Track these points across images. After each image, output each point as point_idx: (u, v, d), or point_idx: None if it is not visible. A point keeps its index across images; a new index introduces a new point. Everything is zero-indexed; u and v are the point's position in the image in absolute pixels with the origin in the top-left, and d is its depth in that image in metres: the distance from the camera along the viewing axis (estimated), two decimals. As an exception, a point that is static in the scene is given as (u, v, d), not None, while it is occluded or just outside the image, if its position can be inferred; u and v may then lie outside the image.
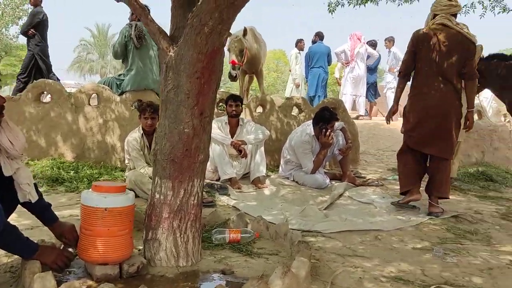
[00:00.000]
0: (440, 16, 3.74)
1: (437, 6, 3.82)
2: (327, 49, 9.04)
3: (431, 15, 3.88)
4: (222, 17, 2.11)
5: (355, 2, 5.25)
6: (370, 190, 4.59)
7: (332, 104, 5.72)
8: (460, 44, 3.69)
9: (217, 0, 2.06)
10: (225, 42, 2.32)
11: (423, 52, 3.73)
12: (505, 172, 5.94)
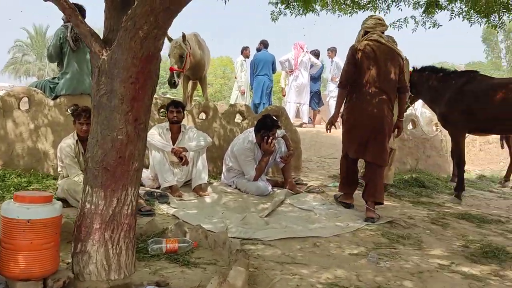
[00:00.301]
0: (372, 33, 4.06)
1: (368, 24, 4.13)
2: (272, 57, 9.16)
3: (362, 32, 4.16)
4: (158, 21, 2.06)
5: (296, 12, 5.34)
6: (311, 197, 4.66)
7: (274, 112, 5.76)
8: (393, 59, 4.04)
9: (152, 3, 2.00)
10: (161, 47, 2.26)
11: (361, 64, 3.97)
12: (436, 179, 6.27)
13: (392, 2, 5.21)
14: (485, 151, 9.20)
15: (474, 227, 4.02)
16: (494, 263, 3.00)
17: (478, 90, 5.07)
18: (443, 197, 5.38)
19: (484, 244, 3.37)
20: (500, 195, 5.95)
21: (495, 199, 5.58)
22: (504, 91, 4.85)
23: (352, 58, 4.00)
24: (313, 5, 5.43)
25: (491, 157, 9.16)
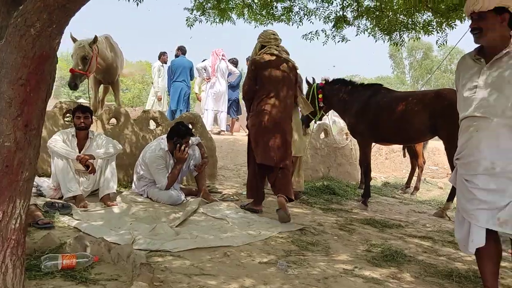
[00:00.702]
0: (269, 47, 4.38)
1: (264, 38, 4.45)
2: (190, 63, 9.07)
3: (259, 45, 4.47)
4: (52, 19, 1.91)
5: (212, 20, 5.33)
6: (225, 205, 4.63)
7: (190, 119, 5.68)
8: (291, 70, 4.41)
9: (46, 0, 1.85)
10: (58, 47, 2.10)
11: (263, 76, 4.27)
12: (346, 186, 6.57)
13: (304, 15, 5.40)
14: (390, 160, 9.86)
15: (377, 231, 4.25)
16: (393, 266, 3.17)
17: (382, 102, 5.41)
18: (351, 203, 5.64)
19: (384, 248, 3.55)
20: (401, 200, 6.38)
21: (397, 205, 5.96)
22: (404, 103, 5.22)
23: (252, 72, 4.34)
24: (229, 14, 5.46)
25: (396, 165, 9.83)
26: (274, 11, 5.57)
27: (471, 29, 2.37)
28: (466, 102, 2.41)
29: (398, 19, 5.51)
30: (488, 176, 2.29)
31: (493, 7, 2.26)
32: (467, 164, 2.39)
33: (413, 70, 42.01)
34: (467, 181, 2.38)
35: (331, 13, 5.27)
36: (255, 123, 4.30)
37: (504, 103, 2.26)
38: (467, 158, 2.39)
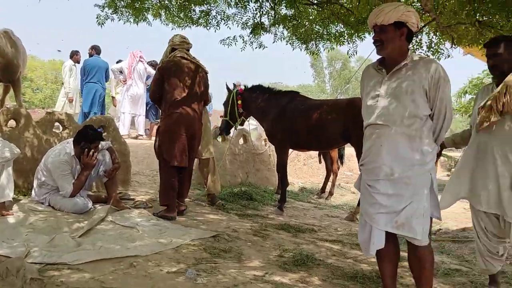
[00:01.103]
0: (179, 50, 4.50)
1: (174, 42, 4.58)
2: (105, 64, 8.64)
3: (169, 49, 4.57)
4: None
5: (125, 19, 5.10)
6: (136, 212, 4.41)
7: (101, 122, 5.38)
8: (200, 74, 4.56)
9: None
10: None
11: (172, 80, 4.38)
12: (264, 191, 6.61)
13: (221, 20, 5.37)
14: (308, 165, 10.14)
15: (291, 236, 4.29)
16: (302, 270, 3.20)
17: (298, 109, 5.52)
18: (268, 209, 5.68)
19: (296, 252, 3.58)
20: (316, 205, 6.56)
21: (312, 209, 6.11)
22: (318, 111, 5.37)
23: (159, 74, 4.46)
24: (145, 14, 5.28)
25: (313, 171, 10.12)
26: (192, 14, 5.48)
27: (374, 41, 2.47)
28: (369, 110, 2.50)
29: (314, 29, 5.67)
30: (388, 182, 2.38)
31: (393, 21, 2.36)
32: (370, 170, 2.47)
33: (333, 80, 43.92)
34: (370, 186, 2.46)
35: (249, 19, 5.29)
36: (165, 126, 4.39)
37: (402, 113, 2.37)
38: (370, 164, 2.47)
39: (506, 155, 2.79)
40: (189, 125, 4.40)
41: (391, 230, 2.38)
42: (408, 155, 2.36)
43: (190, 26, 5.76)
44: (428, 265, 2.44)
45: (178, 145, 4.33)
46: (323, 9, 5.23)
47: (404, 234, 2.36)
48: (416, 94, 2.36)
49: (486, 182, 2.85)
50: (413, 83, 2.37)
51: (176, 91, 4.35)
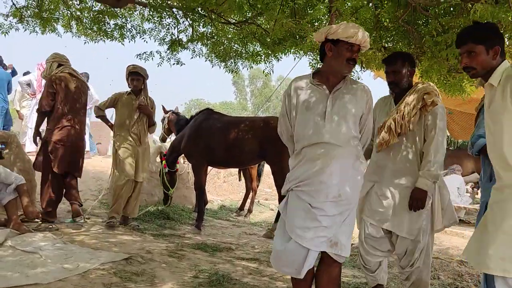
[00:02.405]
0: (66, 67, 4.89)
1: (61, 58, 4.94)
2: (8, 75, 8.03)
3: (56, 64, 4.88)
4: None
5: (31, 29, 4.81)
6: (40, 236, 4.11)
7: (2, 138, 4.97)
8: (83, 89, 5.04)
9: None
10: None
11: (61, 93, 4.76)
12: (182, 210, 6.48)
13: (137, 34, 5.26)
14: (228, 182, 10.14)
15: (207, 256, 4.23)
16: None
17: (213, 127, 5.55)
18: (185, 228, 5.57)
19: (212, 273, 3.54)
20: (235, 223, 6.55)
21: (230, 227, 6.09)
22: (234, 129, 5.43)
23: (51, 87, 4.76)
24: (54, 25, 5.01)
25: (233, 188, 10.13)
26: (106, 27, 5.29)
27: (352, 60, 2.43)
28: (314, 128, 2.39)
29: (232, 48, 5.73)
30: (335, 203, 2.34)
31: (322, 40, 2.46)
32: (316, 191, 2.34)
33: (254, 97, 44.76)
34: (315, 208, 2.33)
35: (166, 35, 5.23)
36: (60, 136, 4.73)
37: (348, 133, 2.39)
38: (316, 185, 2.34)
39: (400, 174, 2.96)
40: (77, 137, 4.88)
41: (326, 250, 2.35)
42: (353, 175, 2.41)
43: (104, 39, 5.56)
44: (339, 281, 2.49)
45: (61, 155, 4.73)
46: (241, 29, 5.32)
47: (336, 252, 2.35)
48: (357, 116, 2.44)
49: (381, 199, 2.99)
50: (355, 105, 2.42)
51: (63, 103, 4.75)
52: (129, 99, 5.09)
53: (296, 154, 2.47)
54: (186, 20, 5.17)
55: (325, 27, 2.55)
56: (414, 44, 4.39)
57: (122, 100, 5.10)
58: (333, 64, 2.44)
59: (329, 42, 2.41)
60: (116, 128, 5.13)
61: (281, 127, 2.61)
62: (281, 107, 2.60)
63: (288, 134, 2.58)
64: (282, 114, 2.58)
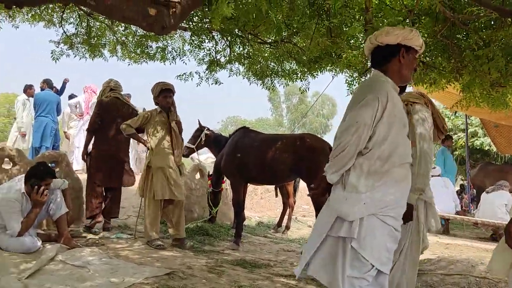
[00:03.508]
0: (115, 91, 5.55)
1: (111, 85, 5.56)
2: (57, 97, 8.50)
3: (108, 89, 5.54)
4: None
5: (81, 55, 5.12)
6: (88, 251, 4.29)
7: (53, 158, 5.27)
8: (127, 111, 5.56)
9: None
10: None
11: (107, 115, 5.40)
12: (220, 226, 6.58)
13: (177, 55, 5.47)
14: (265, 199, 10.19)
15: (247, 272, 4.28)
16: (257, 306, 3.20)
17: (249, 144, 5.66)
18: (224, 244, 5.64)
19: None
20: (272, 240, 6.58)
21: (268, 244, 6.12)
22: (271, 146, 5.51)
23: (100, 109, 5.40)
24: (101, 50, 5.30)
25: (270, 205, 10.17)
26: (148, 50, 5.55)
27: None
28: (406, 147, 2.29)
29: (268, 66, 5.86)
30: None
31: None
32: (399, 215, 2.26)
33: (290, 114, 44.85)
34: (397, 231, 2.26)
35: (205, 55, 5.41)
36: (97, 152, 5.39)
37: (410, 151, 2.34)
38: (401, 209, 2.27)
39: None
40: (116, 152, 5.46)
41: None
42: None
43: (146, 61, 5.82)
44: None
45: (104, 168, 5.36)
46: (277, 48, 5.44)
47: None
48: None
49: None
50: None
51: (107, 124, 5.36)
52: (161, 117, 5.11)
53: (377, 173, 2.18)
54: (224, 41, 5.33)
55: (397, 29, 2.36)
56: (454, 58, 4.36)
57: (154, 118, 5.11)
58: (402, 72, 2.32)
59: (403, 47, 2.31)
60: (149, 146, 5.12)
61: (352, 138, 2.15)
62: (362, 113, 2.17)
63: (360, 147, 2.18)
64: (363, 123, 2.15)
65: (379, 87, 2.24)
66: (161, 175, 4.98)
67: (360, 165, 2.18)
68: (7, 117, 31.00)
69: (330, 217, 2.22)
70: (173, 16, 3.04)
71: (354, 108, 2.21)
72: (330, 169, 2.25)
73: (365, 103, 2.16)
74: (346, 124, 2.20)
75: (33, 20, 5.15)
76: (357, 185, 2.16)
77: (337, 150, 2.19)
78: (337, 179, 2.24)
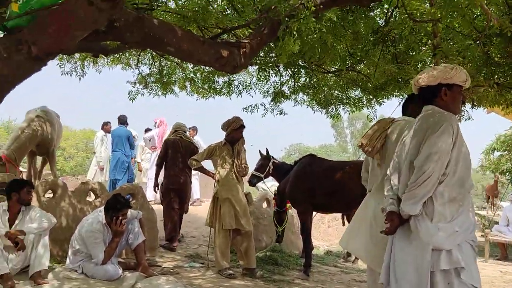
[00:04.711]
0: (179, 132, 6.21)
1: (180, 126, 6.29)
2: (127, 132, 9.05)
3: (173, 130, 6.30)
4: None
5: (154, 93, 5.49)
6: (164, 279, 4.47)
7: (130, 190, 5.59)
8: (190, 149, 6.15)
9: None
10: None
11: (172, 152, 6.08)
12: (289, 256, 6.56)
13: (243, 89, 5.68)
14: (333, 227, 10.03)
15: (318, 303, 4.24)
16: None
17: (316, 171, 5.65)
18: (293, 273, 5.62)
19: (325, 319, 3.55)
20: (343, 269, 6.44)
21: (338, 274, 6.01)
22: (336, 172, 5.48)
23: (165, 148, 6.16)
24: (172, 87, 5.64)
25: (338, 233, 9.97)
26: (215, 85, 5.82)
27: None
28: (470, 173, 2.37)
29: (333, 94, 5.90)
30: None
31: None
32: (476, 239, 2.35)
33: (355, 139, 44.01)
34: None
35: (270, 87, 5.58)
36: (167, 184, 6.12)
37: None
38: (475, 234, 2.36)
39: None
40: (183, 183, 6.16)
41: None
42: None
43: (213, 96, 6.09)
44: None
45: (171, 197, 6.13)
46: (341, 76, 5.48)
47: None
48: None
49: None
50: None
51: (172, 159, 6.07)
52: (226, 149, 5.26)
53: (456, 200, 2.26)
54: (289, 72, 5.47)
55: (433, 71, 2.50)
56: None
57: (220, 151, 5.26)
58: (449, 107, 2.44)
59: (444, 86, 2.44)
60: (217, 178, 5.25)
61: (435, 166, 2.22)
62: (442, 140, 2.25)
63: (439, 175, 2.24)
64: (445, 151, 2.24)
65: (448, 115, 2.37)
66: (229, 206, 5.12)
67: (441, 193, 2.25)
68: (84, 151, 33.28)
69: (423, 250, 2.23)
70: (244, 56, 3.23)
71: (431, 136, 2.28)
72: (411, 199, 2.28)
73: (443, 131, 2.26)
74: (426, 153, 2.26)
75: (112, 63, 5.63)
76: (444, 213, 2.22)
77: (421, 179, 2.23)
78: (419, 209, 2.25)
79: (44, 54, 2.53)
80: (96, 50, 3.68)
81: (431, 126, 2.32)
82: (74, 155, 30.89)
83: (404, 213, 2.32)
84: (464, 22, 3.10)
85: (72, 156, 30.61)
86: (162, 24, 3.14)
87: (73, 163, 30.20)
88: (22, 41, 2.43)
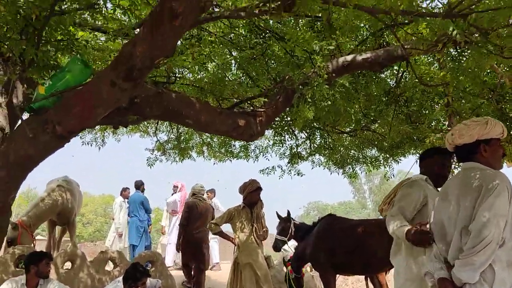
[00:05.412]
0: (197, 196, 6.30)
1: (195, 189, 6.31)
2: (140, 197, 9.08)
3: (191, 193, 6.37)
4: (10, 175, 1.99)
5: (172, 159, 5.58)
6: None
7: (149, 257, 5.54)
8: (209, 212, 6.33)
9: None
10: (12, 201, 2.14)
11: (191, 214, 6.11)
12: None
13: (260, 153, 5.74)
14: (357, 290, 9.63)
15: None
16: None
17: (338, 232, 5.51)
18: None
19: None
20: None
21: None
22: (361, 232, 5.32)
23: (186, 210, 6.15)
24: (189, 152, 5.73)
25: (363, 295, 9.57)
26: (232, 149, 5.90)
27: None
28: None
29: (349, 154, 5.91)
30: None
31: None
32: None
33: (373, 195, 43.35)
34: None
35: (286, 149, 5.62)
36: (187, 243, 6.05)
37: None
38: None
39: None
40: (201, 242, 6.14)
41: None
42: None
43: (230, 159, 6.16)
44: None
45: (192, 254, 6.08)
46: (356, 136, 5.51)
47: None
48: None
49: None
50: None
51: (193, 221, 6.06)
52: (245, 213, 5.24)
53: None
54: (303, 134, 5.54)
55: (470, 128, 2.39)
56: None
57: (239, 215, 5.24)
58: (490, 163, 2.34)
59: (481, 142, 2.36)
60: (243, 243, 5.17)
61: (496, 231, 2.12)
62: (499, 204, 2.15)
63: (499, 240, 2.13)
64: (502, 214, 2.14)
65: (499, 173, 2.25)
66: (249, 271, 5.02)
67: (499, 258, 2.13)
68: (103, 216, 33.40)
69: None
70: (260, 124, 3.31)
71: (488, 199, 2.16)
72: (467, 266, 2.15)
73: (499, 191, 2.14)
74: (484, 217, 2.13)
75: (131, 131, 5.78)
76: (505, 280, 2.11)
77: (481, 245, 2.10)
78: (478, 277, 2.13)
79: (68, 133, 2.63)
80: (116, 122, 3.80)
81: (483, 186, 2.20)
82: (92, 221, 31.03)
83: (459, 280, 2.17)
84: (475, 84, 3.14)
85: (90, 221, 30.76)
86: (180, 98, 3.26)
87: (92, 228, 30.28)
88: (48, 121, 2.53)
